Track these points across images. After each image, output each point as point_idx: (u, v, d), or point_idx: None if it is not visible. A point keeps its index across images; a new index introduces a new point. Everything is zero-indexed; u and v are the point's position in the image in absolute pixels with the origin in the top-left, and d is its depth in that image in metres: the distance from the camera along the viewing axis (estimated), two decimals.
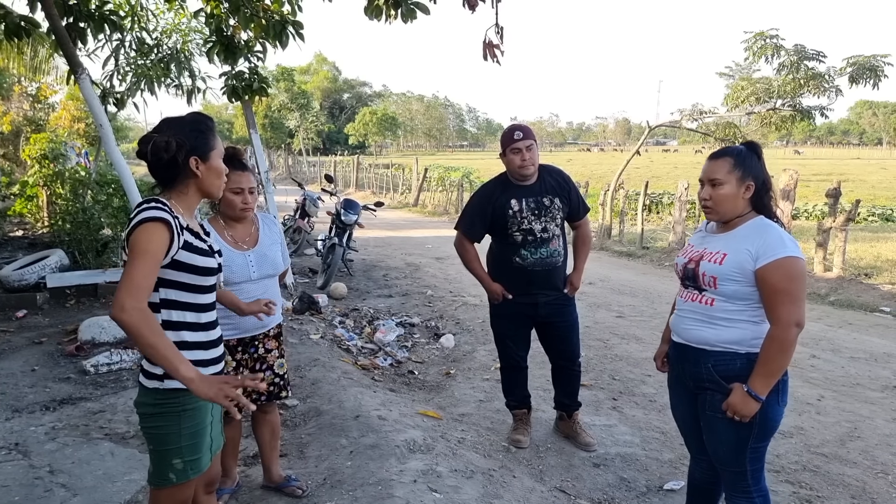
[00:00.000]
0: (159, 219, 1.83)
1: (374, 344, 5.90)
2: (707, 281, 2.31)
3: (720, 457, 2.40)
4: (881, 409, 4.42)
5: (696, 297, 2.39)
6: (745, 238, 2.27)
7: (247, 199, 2.79)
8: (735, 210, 2.32)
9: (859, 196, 13.79)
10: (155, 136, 1.93)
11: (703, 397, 2.39)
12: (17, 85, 17.97)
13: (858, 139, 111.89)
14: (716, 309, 2.31)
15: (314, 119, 55.87)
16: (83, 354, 5.04)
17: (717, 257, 2.30)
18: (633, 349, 5.71)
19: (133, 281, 1.77)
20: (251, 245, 2.84)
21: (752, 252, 2.22)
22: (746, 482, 2.37)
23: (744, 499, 2.40)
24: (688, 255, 2.46)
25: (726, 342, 2.30)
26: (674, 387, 2.62)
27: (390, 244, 12.47)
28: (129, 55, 7.87)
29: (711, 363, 2.33)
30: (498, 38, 4.28)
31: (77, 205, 7.93)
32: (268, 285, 2.88)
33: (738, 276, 2.24)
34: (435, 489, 2.95)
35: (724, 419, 2.30)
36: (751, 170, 2.31)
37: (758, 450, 2.35)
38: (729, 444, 2.34)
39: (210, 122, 2.05)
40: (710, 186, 2.35)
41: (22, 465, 3.30)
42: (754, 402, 2.21)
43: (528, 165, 3.48)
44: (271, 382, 2.94)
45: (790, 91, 12.45)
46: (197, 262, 1.96)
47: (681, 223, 11.58)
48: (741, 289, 2.25)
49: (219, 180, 2.04)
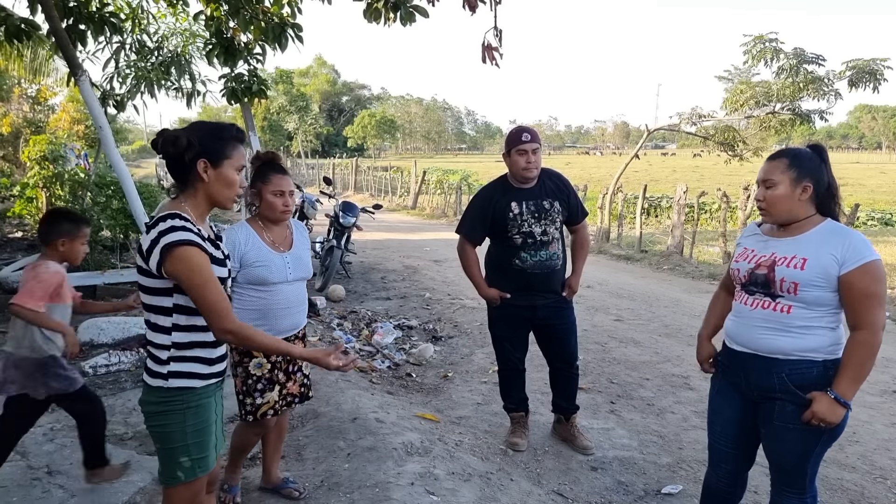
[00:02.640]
0: (194, 243, 1.87)
1: (371, 346, 5.90)
2: (786, 287, 2.22)
3: (783, 464, 2.36)
4: (880, 414, 4.43)
5: (767, 305, 2.28)
6: (823, 242, 2.20)
7: (287, 202, 2.84)
8: (791, 212, 2.26)
9: (858, 200, 13.83)
10: (168, 130, 1.95)
11: (770, 406, 2.31)
12: (16, 87, 17.99)
13: (858, 143, 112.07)
14: (793, 316, 2.23)
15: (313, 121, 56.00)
16: (81, 356, 5.03)
17: (796, 262, 2.21)
18: (632, 353, 5.71)
19: (217, 307, 1.89)
20: (287, 248, 2.88)
21: (837, 257, 2.15)
22: (804, 484, 2.35)
23: (797, 499, 2.37)
24: (754, 259, 2.34)
25: (803, 350, 2.22)
26: (724, 392, 2.52)
27: (388, 247, 12.47)
28: (129, 58, 7.88)
29: (786, 372, 2.25)
30: (497, 41, 4.29)
31: (76, 206, 7.94)
32: (300, 288, 2.93)
33: (822, 281, 2.17)
34: (432, 492, 2.95)
35: (796, 429, 2.24)
36: (808, 171, 2.24)
37: (821, 454, 2.33)
38: (796, 453, 2.30)
39: (236, 132, 2.03)
40: (764, 188, 2.29)
41: (20, 466, 3.30)
42: (841, 408, 2.15)
43: (532, 168, 3.49)
44: (302, 384, 2.98)
45: (789, 95, 12.49)
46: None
47: (679, 227, 11.58)
48: (824, 294, 2.18)
49: (228, 190, 2.01)
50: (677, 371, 5.22)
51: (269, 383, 2.84)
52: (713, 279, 9.91)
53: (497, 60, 4.34)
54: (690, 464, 3.65)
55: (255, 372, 2.80)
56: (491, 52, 4.30)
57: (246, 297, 2.75)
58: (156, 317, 1.97)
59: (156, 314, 1.97)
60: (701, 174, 36.21)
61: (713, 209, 18.07)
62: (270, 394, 2.83)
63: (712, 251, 12.23)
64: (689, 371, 5.21)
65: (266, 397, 2.82)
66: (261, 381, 2.82)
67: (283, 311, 2.81)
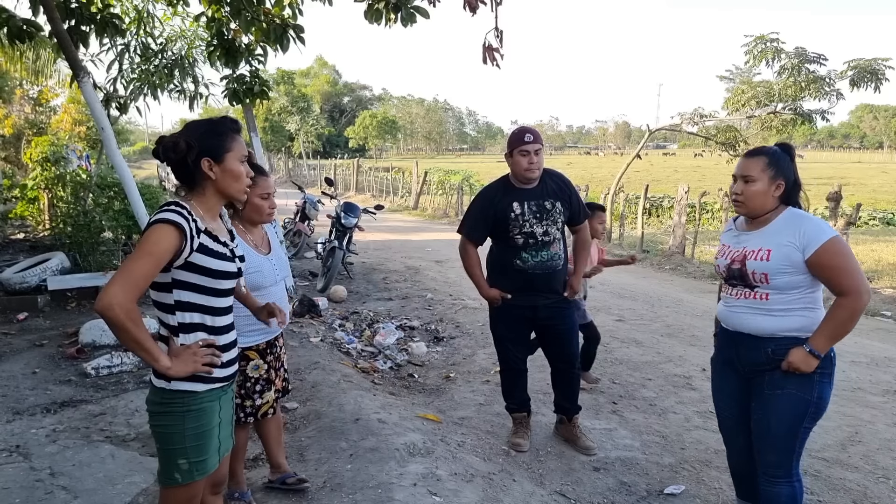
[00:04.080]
0: (172, 221, 1.85)
1: (373, 347, 5.90)
2: (758, 278, 2.42)
3: (773, 434, 2.48)
4: (882, 414, 4.42)
5: (748, 295, 2.49)
6: (781, 231, 2.41)
7: (273, 204, 2.85)
8: (764, 206, 2.46)
9: (860, 200, 13.81)
10: (165, 137, 1.95)
11: (760, 379, 2.50)
12: (18, 88, 18.01)
13: (859, 143, 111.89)
14: (772, 302, 2.43)
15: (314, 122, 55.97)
16: (84, 357, 5.05)
17: (761, 254, 2.42)
18: (634, 353, 5.71)
19: (131, 276, 1.80)
20: (268, 249, 2.89)
21: (796, 244, 2.35)
22: (790, 464, 2.48)
23: (785, 484, 2.49)
24: (728, 255, 2.56)
25: (787, 330, 2.42)
26: (720, 370, 2.74)
27: (390, 247, 12.47)
28: (133, 60, 7.90)
29: (771, 348, 2.45)
30: (497, 42, 4.29)
31: (78, 208, 7.96)
32: (283, 287, 2.98)
33: (788, 267, 2.37)
34: (435, 493, 2.96)
35: (784, 395, 2.42)
36: (783, 170, 2.44)
37: (807, 430, 2.47)
38: (785, 420, 2.44)
39: (231, 124, 2.03)
40: (742, 182, 2.47)
41: (23, 468, 3.31)
42: (814, 360, 2.35)
43: (534, 169, 3.50)
44: (284, 378, 3.02)
45: (791, 94, 12.49)
46: (211, 265, 1.96)
47: (681, 227, 11.58)
48: (793, 279, 2.38)
49: (237, 183, 2.02)
50: (679, 371, 5.22)
51: (266, 383, 2.87)
52: (715, 279, 9.90)
53: (498, 61, 4.34)
54: (693, 464, 3.65)
55: (253, 374, 2.82)
56: (491, 52, 4.31)
57: (237, 303, 2.73)
58: (163, 315, 1.98)
59: (163, 312, 1.98)
60: (702, 174, 36.17)
61: (714, 209, 18.06)
62: (269, 393, 2.89)
63: (714, 251, 12.20)
64: (692, 371, 5.21)
65: (265, 397, 2.87)
66: (259, 382, 2.85)
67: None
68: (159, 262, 1.84)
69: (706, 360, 5.44)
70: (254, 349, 2.81)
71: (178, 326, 1.96)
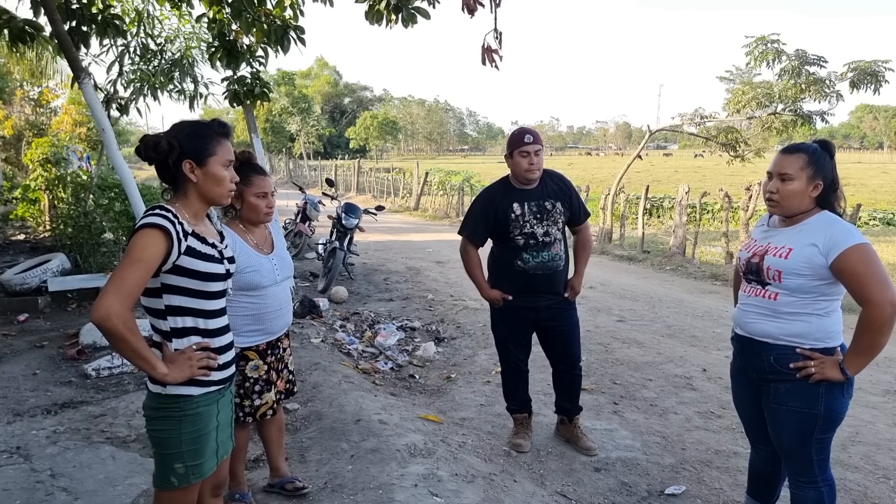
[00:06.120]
0: (157, 226, 1.83)
1: (374, 348, 5.90)
2: (772, 275, 2.33)
3: (785, 447, 2.44)
4: (882, 414, 4.42)
5: (759, 292, 2.41)
6: (810, 233, 2.29)
7: (271, 203, 2.82)
8: (800, 207, 2.33)
9: (860, 200, 13.79)
10: (148, 135, 1.94)
11: (767, 389, 2.44)
12: (19, 89, 18.03)
13: (859, 143, 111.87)
14: (780, 303, 2.34)
15: (315, 123, 56.01)
16: (84, 358, 5.05)
17: (782, 251, 2.32)
18: (634, 353, 5.71)
19: (124, 285, 1.78)
20: (270, 249, 2.87)
21: (820, 247, 2.23)
22: (812, 471, 2.41)
23: (811, 488, 2.43)
24: (751, 249, 2.48)
25: (790, 335, 2.33)
26: (736, 377, 2.68)
27: (391, 248, 12.47)
28: (133, 61, 7.91)
29: (774, 356, 2.37)
30: (497, 43, 4.30)
31: (79, 209, 7.96)
32: (287, 287, 2.95)
33: (806, 269, 2.26)
34: (436, 493, 2.96)
35: (789, 410, 2.36)
36: (822, 170, 2.30)
37: (823, 440, 2.39)
38: (794, 434, 2.39)
39: (218, 127, 2.00)
40: (778, 180, 2.34)
41: (23, 469, 3.31)
42: (841, 375, 2.26)
43: (534, 170, 3.50)
44: (287, 380, 3.00)
45: (791, 96, 12.48)
46: (199, 268, 1.94)
47: (681, 227, 11.57)
48: (806, 283, 2.27)
49: (219, 187, 2.00)
50: (680, 372, 5.22)
51: (266, 384, 2.86)
52: (716, 279, 9.90)
53: (497, 62, 4.35)
54: (693, 464, 3.65)
55: (252, 374, 2.81)
56: (491, 54, 4.32)
57: (237, 303, 2.68)
58: (155, 321, 1.97)
59: (154, 318, 1.97)
60: (703, 175, 36.18)
61: (715, 209, 18.05)
62: (268, 394, 2.87)
63: (715, 251, 12.21)
64: (692, 372, 5.21)
65: (265, 398, 2.85)
66: (258, 382, 2.83)
67: (275, 312, 2.82)
68: (149, 267, 1.82)
69: (707, 361, 5.48)
70: (253, 349, 2.80)
71: (170, 331, 1.94)
